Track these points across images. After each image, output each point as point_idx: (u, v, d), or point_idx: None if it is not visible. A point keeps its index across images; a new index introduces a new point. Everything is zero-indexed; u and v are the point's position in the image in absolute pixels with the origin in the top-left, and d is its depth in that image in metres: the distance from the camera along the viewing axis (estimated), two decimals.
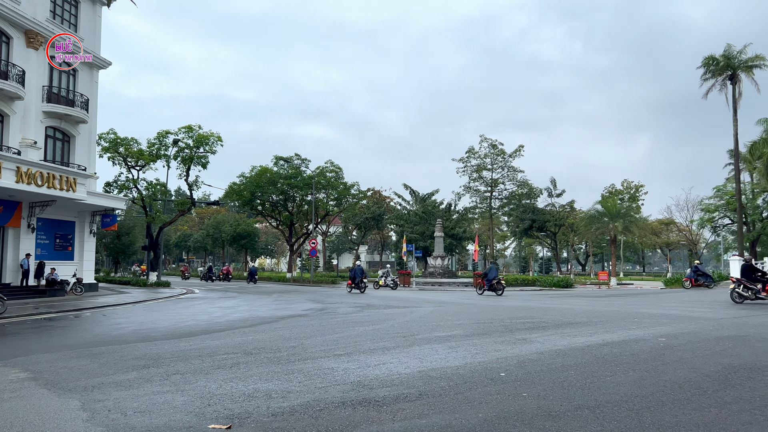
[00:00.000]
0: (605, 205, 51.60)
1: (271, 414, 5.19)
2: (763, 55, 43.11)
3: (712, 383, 6.39)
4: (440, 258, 45.40)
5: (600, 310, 16.76)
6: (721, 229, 66.44)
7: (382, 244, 78.39)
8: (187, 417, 5.12)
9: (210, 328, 12.77)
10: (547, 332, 11.06)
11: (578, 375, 6.86)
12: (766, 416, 5.07)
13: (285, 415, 5.13)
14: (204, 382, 6.63)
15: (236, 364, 7.81)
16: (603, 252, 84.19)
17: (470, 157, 58.00)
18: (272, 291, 32.60)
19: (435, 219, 53.96)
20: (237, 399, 5.76)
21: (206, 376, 6.94)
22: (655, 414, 5.12)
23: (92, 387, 6.43)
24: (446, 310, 16.98)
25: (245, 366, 7.63)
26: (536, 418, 4.99)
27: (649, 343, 9.44)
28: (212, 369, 7.45)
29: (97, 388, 6.35)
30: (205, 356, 8.51)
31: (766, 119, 45.33)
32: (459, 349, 8.99)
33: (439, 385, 6.31)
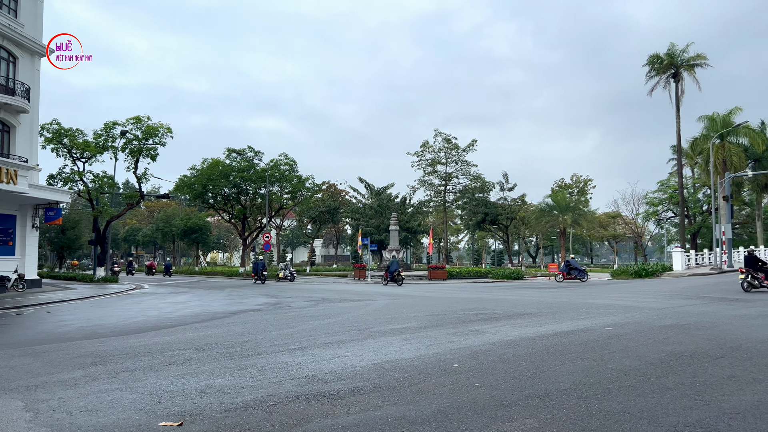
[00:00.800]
0: (555, 199, 52.89)
1: (224, 410, 5.12)
2: (704, 54, 44.90)
3: (655, 370, 6.65)
4: (395, 251, 45.59)
5: (550, 301, 17.18)
6: (664, 221, 69.01)
7: (337, 237, 78.20)
8: (136, 415, 5.00)
9: (160, 324, 12.49)
10: (499, 323, 11.27)
11: (529, 364, 7.02)
12: (705, 401, 5.31)
13: (238, 411, 5.08)
14: (154, 379, 6.49)
15: (188, 360, 7.67)
16: (553, 244, 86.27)
17: (425, 151, 58.44)
18: (225, 286, 32.11)
19: (390, 212, 54.17)
20: (189, 395, 5.66)
21: (156, 373, 6.80)
22: (602, 401, 5.29)
23: (36, 386, 6.20)
24: (401, 303, 17.09)
25: (197, 362, 7.50)
26: (488, 408, 5.09)
27: (597, 333, 9.74)
28: (163, 365, 7.29)
29: (41, 388, 6.13)
30: (155, 353, 8.32)
31: (707, 116, 47.23)
32: (413, 341, 9.07)
33: (394, 377, 6.35)
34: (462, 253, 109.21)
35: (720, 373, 6.46)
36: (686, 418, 4.76)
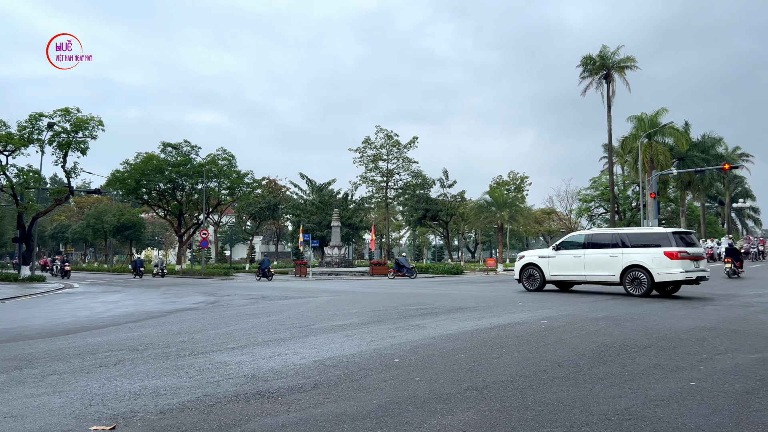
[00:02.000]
0: (493, 196, 54.00)
1: (159, 411, 4.97)
2: (633, 57, 46.92)
3: (587, 361, 6.91)
4: (337, 247, 45.50)
5: (488, 295, 17.56)
6: (596, 217, 71.69)
7: (277, 234, 77.29)
8: (65, 420, 4.79)
9: (91, 324, 12.00)
10: (439, 318, 11.44)
11: (468, 358, 7.15)
12: (633, 389, 5.56)
13: (174, 412, 4.94)
14: (85, 381, 6.23)
15: (121, 361, 7.41)
16: (491, 240, 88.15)
17: (366, 147, 58.54)
18: (160, 284, 31.17)
19: (332, 209, 53.98)
20: (122, 398, 5.47)
21: (87, 376, 6.53)
22: (537, 392, 5.45)
23: None
24: (343, 299, 17.07)
25: (131, 363, 7.25)
26: (428, 401, 5.15)
27: (533, 326, 10.03)
28: (94, 368, 7.01)
29: None
30: (85, 354, 7.99)
31: (636, 116, 49.40)
32: (355, 337, 9.08)
33: (335, 374, 6.34)
34: (403, 248, 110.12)
35: (647, 362, 6.78)
36: (616, 406, 4.97)
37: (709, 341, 8.26)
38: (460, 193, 65.75)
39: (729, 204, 67.05)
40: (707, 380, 5.89)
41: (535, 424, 4.49)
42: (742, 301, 14.04)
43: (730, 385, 5.68)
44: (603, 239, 18.05)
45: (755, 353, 7.36)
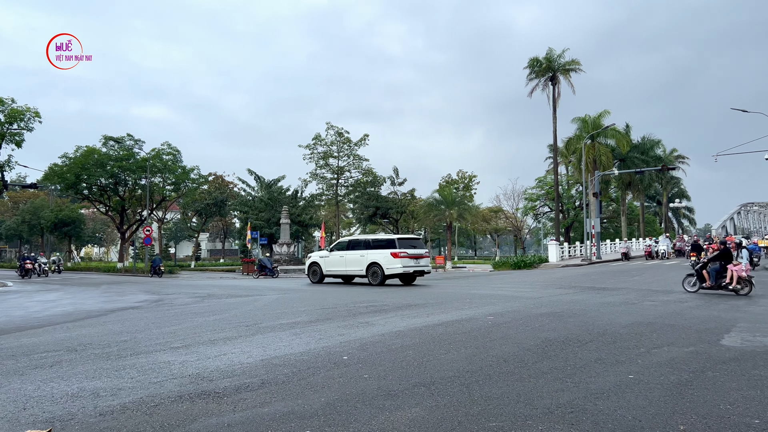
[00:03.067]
0: (442, 194, 54.65)
1: (98, 414, 4.80)
2: (578, 60, 48.26)
3: (531, 356, 7.07)
4: (286, 245, 45.06)
5: (436, 292, 17.74)
6: (541, 216, 73.59)
7: (224, 231, 75.94)
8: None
9: (26, 324, 11.48)
10: (388, 315, 11.48)
11: (416, 354, 7.21)
12: (575, 382, 5.72)
13: (115, 414, 4.78)
14: (19, 384, 5.95)
15: (58, 362, 7.11)
16: (440, 237, 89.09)
17: (317, 144, 58.10)
18: (101, 282, 30.12)
19: (281, 205, 53.40)
20: (59, 400, 5.25)
21: (21, 378, 6.24)
22: (483, 387, 5.55)
23: None
24: (291, 297, 16.92)
25: (69, 364, 6.98)
26: (377, 398, 5.16)
27: (480, 322, 10.19)
28: (29, 369, 6.71)
29: None
30: (20, 356, 7.64)
31: (580, 118, 50.85)
32: (303, 335, 9.01)
33: (283, 373, 6.27)
34: None
35: (588, 357, 6.99)
36: (558, 399, 5.10)
37: (646, 336, 8.58)
38: (410, 191, 66.16)
39: (666, 204, 69.90)
40: (644, 373, 6.13)
41: (481, 418, 4.56)
42: (677, 297, 14.65)
43: (666, 378, 5.92)
44: (358, 243, 23.46)
45: (689, 347, 7.70)
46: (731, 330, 9.16)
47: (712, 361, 6.75)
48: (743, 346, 7.79)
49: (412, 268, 21.68)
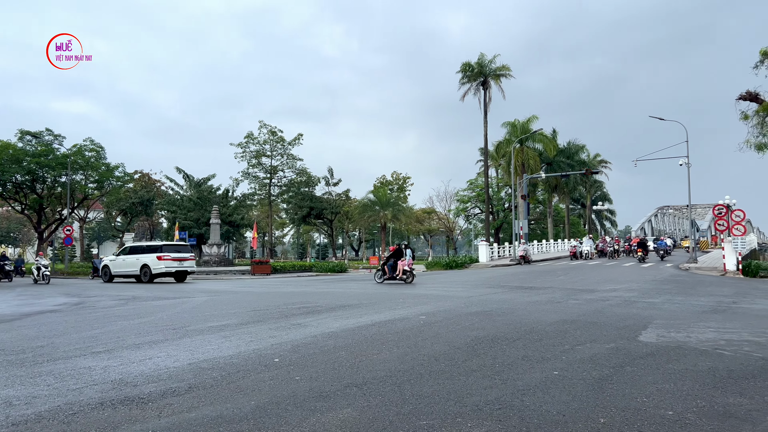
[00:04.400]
0: (377, 195, 54.91)
1: (11, 423, 4.52)
2: (508, 66, 49.70)
3: (461, 354, 7.20)
4: (216, 246, 44.02)
5: (370, 292, 17.80)
6: (472, 217, 75.20)
7: (151, 231, 73.35)
8: None
9: None
10: (321, 316, 11.41)
11: (348, 355, 7.19)
12: (503, 379, 5.87)
13: (29, 423, 4.52)
14: None
15: None
16: (374, 238, 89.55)
17: (249, 142, 57.13)
18: (15, 285, 28.42)
19: (211, 205, 52.09)
20: None
21: None
22: (415, 386, 5.60)
23: None
24: (221, 299, 16.53)
25: None
26: (308, 400, 5.12)
27: (412, 322, 10.29)
28: None
29: None
30: None
31: (510, 122, 52.37)
32: (233, 338, 8.81)
33: (211, 376, 6.11)
34: (287, 247, 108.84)
35: (516, 354, 7.20)
36: (487, 396, 5.22)
37: (570, 333, 8.92)
38: (344, 192, 66.16)
39: (590, 206, 73.00)
40: (568, 369, 6.36)
41: (412, 417, 4.61)
42: (599, 296, 15.31)
43: (588, 373, 6.17)
44: (135, 249, 29.34)
45: (610, 343, 8.06)
46: (648, 326, 9.65)
47: (630, 357, 7.09)
48: (659, 341, 8.23)
49: (175, 268, 27.52)
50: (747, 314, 11.80)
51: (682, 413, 4.73)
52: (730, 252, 27.95)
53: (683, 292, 16.75)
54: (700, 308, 12.66)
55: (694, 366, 6.56)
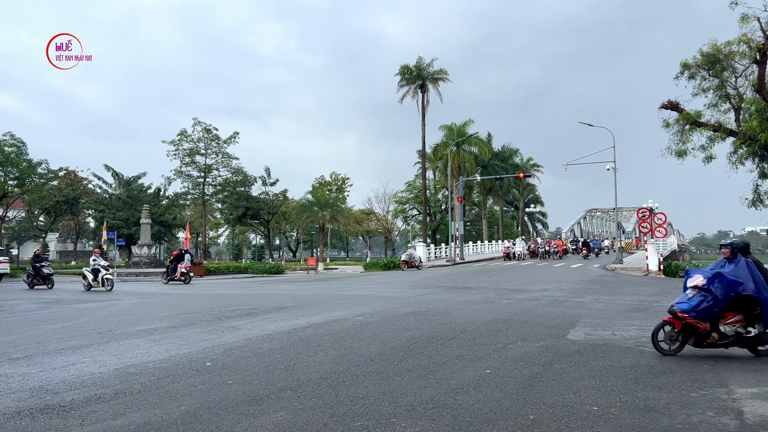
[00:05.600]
0: (315, 195, 54.51)
1: None
2: (445, 70, 50.39)
3: (397, 354, 7.25)
4: (147, 246, 42.56)
5: (307, 294, 17.65)
6: (410, 218, 75.86)
7: (77, 231, 70.14)
8: None
9: None
10: (256, 318, 11.22)
11: (283, 358, 7.10)
12: (437, 379, 5.95)
13: None
14: None
15: None
16: (312, 239, 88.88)
17: (182, 140, 55.48)
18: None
19: (142, 204, 50.29)
20: None
21: None
22: (350, 387, 5.59)
23: None
24: (151, 302, 15.98)
25: None
26: (241, 404, 5.02)
27: (349, 323, 10.27)
28: None
29: None
30: None
31: (447, 126, 53.13)
32: (163, 341, 8.53)
33: (139, 382, 5.89)
34: (222, 248, 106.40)
35: (450, 354, 7.31)
36: (421, 396, 5.27)
37: (503, 332, 9.14)
38: (282, 192, 65.31)
39: (523, 209, 75.07)
40: (500, 368, 6.51)
41: (346, 419, 4.59)
42: (531, 295, 15.76)
43: (519, 371, 6.33)
44: None
45: (540, 341, 8.31)
46: (576, 325, 10.02)
47: (559, 355, 7.33)
48: (586, 339, 8.55)
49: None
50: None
51: (606, 408, 4.93)
52: (652, 253, 29.39)
53: (609, 291, 17.48)
54: (624, 307, 13.24)
55: (618, 362, 6.85)
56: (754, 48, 25.21)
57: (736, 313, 7.13)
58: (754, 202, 29.07)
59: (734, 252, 7.28)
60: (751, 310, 7.06)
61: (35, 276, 23.54)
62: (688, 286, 7.31)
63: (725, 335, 7.12)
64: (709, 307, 6.94)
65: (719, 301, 6.94)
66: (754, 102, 25.89)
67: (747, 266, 7.06)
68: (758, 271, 7.08)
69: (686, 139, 28.19)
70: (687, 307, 7.06)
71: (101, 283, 21.06)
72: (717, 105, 27.89)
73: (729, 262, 7.25)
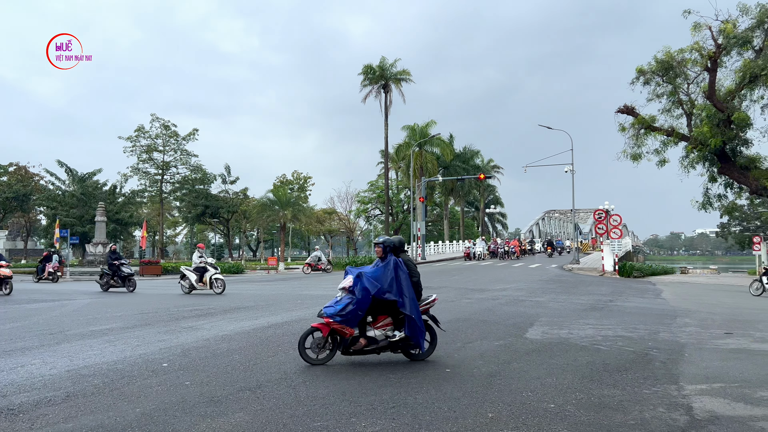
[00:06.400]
0: (277, 194, 54.02)
1: None
2: (408, 71, 50.60)
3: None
4: (102, 245, 41.39)
5: (267, 294, 17.47)
6: (373, 218, 75.93)
7: (27, 228, 67.84)
8: None
9: None
10: (214, 318, 11.05)
11: (242, 358, 7.01)
12: (398, 378, 5.95)
13: None
14: None
15: None
16: (273, 238, 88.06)
17: (140, 136, 54.29)
18: None
19: (97, 202, 48.95)
20: None
21: None
22: (310, 388, 5.56)
23: None
24: (106, 302, 15.56)
25: None
26: (198, 405, 4.93)
27: (309, 322, 10.17)
28: None
29: None
30: None
31: (409, 126, 53.38)
32: (118, 342, 8.32)
33: (92, 384, 5.73)
34: (180, 247, 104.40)
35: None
36: (381, 395, 5.27)
37: (463, 331, 9.23)
38: (242, 190, 64.54)
39: (483, 209, 76.00)
40: (460, 366, 6.58)
41: (306, 419, 4.56)
42: (490, 295, 15.97)
43: (478, 370, 6.41)
44: None
45: (498, 340, 8.42)
46: (534, 324, 10.20)
47: (517, 353, 7.45)
48: (543, 338, 8.71)
49: None
50: (621, 311, 12.78)
51: (562, 406, 5.03)
52: (608, 254, 30.15)
53: (566, 291, 17.85)
54: (581, 306, 13.55)
55: (575, 360, 7.00)
56: (706, 56, 26.14)
57: (386, 316, 6.77)
58: (704, 204, 30.11)
59: (386, 251, 6.91)
60: (398, 313, 6.69)
61: (112, 276, 19.78)
62: (338, 287, 6.79)
63: (375, 340, 6.69)
64: (354, 310, 6.44)
65: (361, 304, 6.44)
66: (705, 108, 26.83)
67: (394, 267, 6.67)
68: (407, 271, 6.75)
69: (641, 143, 28.99)
70: (333, 311, 6.53)
71: (209, 284, 17.78)
72: (670, 110, 28.79)
73: (381, 262, 6.88)
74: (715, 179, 29.11)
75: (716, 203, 29.99)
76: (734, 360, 7.33)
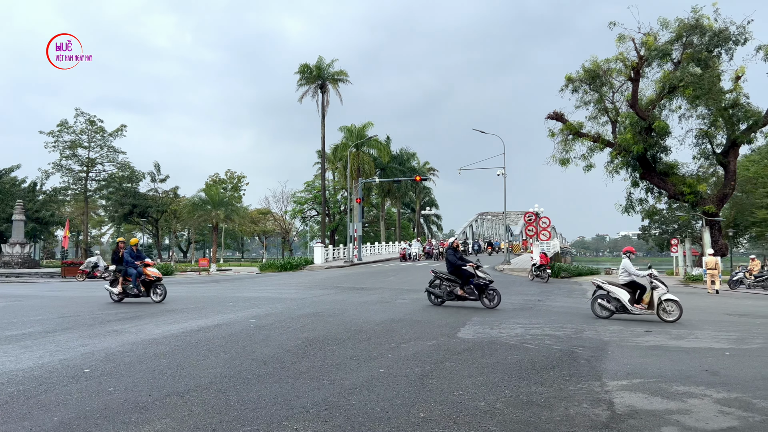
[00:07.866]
0: (209, 193, 52.75)
1: None
2: (345, 72, 50.57)
3: (291, 357, 7.15)
4: (20, 245, 39.21)
5: (198, 295, 17.01)
6: (309, 219, 75.37)
7: None
8: None
9: None
10: (141, 321, 10.65)
11: (170, 362, 6.79)
12: (331, 380, 5.93)
13: None
14: None
15: None
16: (205, 239, 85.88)
17: (63, 131, 51.73)
18: None
19: (14, 199, 46.27)
20: None
21: None
22: (241, 391, 5.44)
23: None
24: (23, 305, 14.71)
25: None
26: (122, 412, 4.73)
27: (242, 325, 10.00)
28: None
29: None
30: None
31: (346, 127, 53.39)
32: (35, 347, 7.87)
33: (6, 392, 5.40)
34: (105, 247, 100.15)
35: (345, 354, 7.31)
36: (314, 397, 5.23)
37: (396, 332, 9.29)
38: (173, 189, 62.70)
39: (419, 211, 76.91)
40: (393, 367, 6.61)
41: (236, 423, 4.46)
42: (425, 296, 16.14)
43: (411, 370, 6.46)
44: None
45: (431, 340, 8.53)
46: (466, 324, 10.38)
47: (450, 353, 7.56)
48: (475, 337, 8.88)
49: None
50: (549, 311, 13.22)
51: (492, 404, 5.14)
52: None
53: None
54: (511, 306, 13.91)
55: (504, 359, 7.17)
56: (629, 66, 27.44)
57: None
58: (627, 208, 31.59)
59: None
60: None
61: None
62: None
63: None
64: None
65: None
66: (629, 116, 28.18)
67: None
68: None
69: (569, 148, 30.11)
70: None
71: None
72: (597, 117, 30.08)
73: None
74: (638, 184, 30.62)
75: (638, 207, 31.56)
76: (653, 356, 7.71)
